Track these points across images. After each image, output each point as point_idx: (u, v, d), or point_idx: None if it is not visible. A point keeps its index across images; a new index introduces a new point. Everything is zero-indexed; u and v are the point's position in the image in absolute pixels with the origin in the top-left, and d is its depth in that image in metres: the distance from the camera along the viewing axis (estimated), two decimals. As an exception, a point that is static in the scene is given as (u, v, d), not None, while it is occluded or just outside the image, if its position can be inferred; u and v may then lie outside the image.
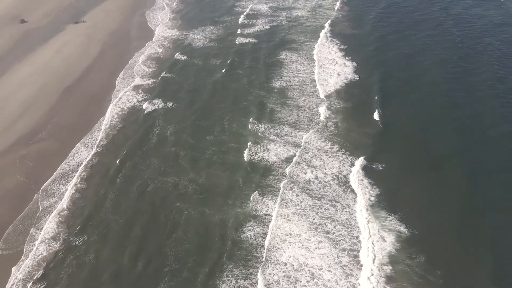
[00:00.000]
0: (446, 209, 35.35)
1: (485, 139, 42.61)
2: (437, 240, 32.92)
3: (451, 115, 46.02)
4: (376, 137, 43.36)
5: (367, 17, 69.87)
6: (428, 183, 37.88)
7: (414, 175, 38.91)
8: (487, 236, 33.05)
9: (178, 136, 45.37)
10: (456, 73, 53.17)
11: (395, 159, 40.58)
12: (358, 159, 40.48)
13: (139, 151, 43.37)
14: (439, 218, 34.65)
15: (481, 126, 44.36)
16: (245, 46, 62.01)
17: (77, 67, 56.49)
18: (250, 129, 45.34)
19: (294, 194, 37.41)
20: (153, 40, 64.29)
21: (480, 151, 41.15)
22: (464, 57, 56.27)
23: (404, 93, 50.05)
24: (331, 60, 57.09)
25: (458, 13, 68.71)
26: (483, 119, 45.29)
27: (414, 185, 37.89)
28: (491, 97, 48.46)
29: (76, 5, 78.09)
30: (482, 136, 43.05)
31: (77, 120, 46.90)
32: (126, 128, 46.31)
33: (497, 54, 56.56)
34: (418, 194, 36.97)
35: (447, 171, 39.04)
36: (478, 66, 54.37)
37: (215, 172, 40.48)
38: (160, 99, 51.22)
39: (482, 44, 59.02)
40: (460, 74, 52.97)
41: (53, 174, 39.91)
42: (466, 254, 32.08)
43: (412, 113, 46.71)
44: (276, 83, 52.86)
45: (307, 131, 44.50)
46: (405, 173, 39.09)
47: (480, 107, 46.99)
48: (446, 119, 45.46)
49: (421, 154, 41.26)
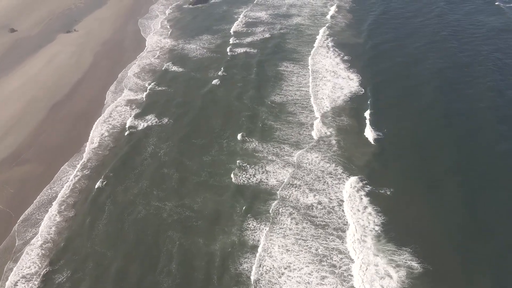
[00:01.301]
0: (450, 235, 33.12)
1: (484, 156, 40.48)
2: (446, 274, 30.53)
3: (450, 130, 43.80)
4: (374, 157, 41.00)
5: (364, 24, 67.48)
6: (430, 208, 35.50)
7: (415, 199, 36.48)
8: (489, 263, 30.95)
9: (172, 156, 42.98)
10: (454, 83, 51.09)
11: (395, 181, 38.12)
12: (360, 182, 38.00)
13: (131, 173, 40.93)
14: (444, 247, 32.31)
15: (480, 141, 42.22)
16: (239, 57, 59.63)
17: (68, 80, 54.02)
18: (247, 148, 42.95)
19: (294, 222, 34.97)
20: (147, 51, 61.91)
21: (480, 169, 39.04)
22: (462, 67, 54.22)
23: (402, 107, 47.66)
24: (331, 72, 54.63)
25: (457, 20, 66.56)
26: (482, 134, 43.07)
27: (416, 210, 35.45)
28: (490, 109, 46.31)
29: (68, 13, 75.68)
30: (481, 152, 40.89)
31: (64, 139, 44.43)
32: (116, 148, 43.87)
33: (496, 63, 54.50)
34: (421, 220, 34.53)
35: (447, 192, 36.78)
36: (476, 76, 52.17)
37: (210, 197, 38.07)
38: (152, 114, 48.79)
39: (481, 53, 56.89)
40: (458, 85, 50.85)
41: (36, 200, 37.40)
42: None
43: (410, 128, 44.32)
44: (274, 97, 50.43)
45: (307, 150, 42.06)
46: (406, 197, 36.57)
47: (479, 121, 44.86)
48: (444, 135, 43.20)
49: (420, 174, 38.90)
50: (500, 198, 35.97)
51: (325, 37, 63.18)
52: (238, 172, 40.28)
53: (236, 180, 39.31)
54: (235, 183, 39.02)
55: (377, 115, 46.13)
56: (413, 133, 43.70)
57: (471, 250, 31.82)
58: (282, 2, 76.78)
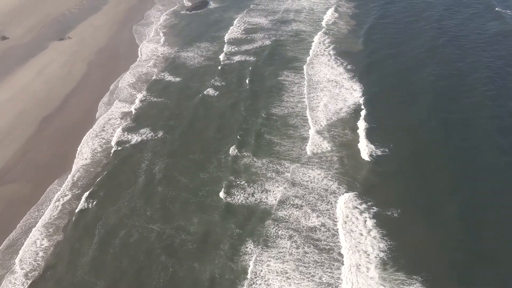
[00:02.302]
0: (455, 261, 31.14)
1: (485, 170, 38.60)
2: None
3: (450, 143, 41.85)
4: (377, 175, 38.82)
5: (364, 30, 65.34)
6: (434, 230, 33.48)
7: (419, 220, 34.33)
8: None
9: (167, 172, 40.94)
10: (453, 92, 49.17)
11: (398, 201, 35.96)
12: (364, 203, 35.96)
13: (123, 192, 38.87)
14: (452, 275, 30.33)
15: (480, 155, 40.29)
16: (237, 65, 57.49)
17: (59, 92, 51.98)
18: (245, 165, 40.94)
19: (294, 246, 32.90)
20: (142, 59, 59.86)
21: (482, 185, 37.17)
22: (462, 74, 52.33)
23: (402, 119, 45.41)
24: (333, 82, 52.60)
25: (456, 25, 64.69)
26: (482, 147, 41.17)
27: (421, 233, 33.36)
28: (490, 120, 44.46)
29: (62, 19, 73.62)
30: (482, 167, 38.92)
31: (54, 156, 42.36)
32: (108, 165, 41.80)
33: (496, 71, 52.60)
34: (427, 244, 32.50)
35: (450, 212, 34.74)
36: (476, 84, 50.13)
37: (206, 218, 36.05)
38: (147, 128, 46.73)
39: (481, 60, 54.88)
40: (458, 93, 48.86)
41: (21, 223, 35.27)
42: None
43: (411, 142, 42.14)
44: (273, 109, 48.35)
45: (308, 166, 40.00)
46: (409, 219, 34.38)
47: (479, 133, 42.96)
48: (445, 148, 41.25)
49: (423, 193, 36.77)
50: (503, 215, 34.38)
51: (326, 45, 61.11)
52: (236, 191, 38.29)
53: (233, 200, 37.30)
54: (232, 203, 37.00)
55: (378, 129, 43.91)
56: (414, 147, 41.58)
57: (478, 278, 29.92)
58: (281, 7, 74.79)
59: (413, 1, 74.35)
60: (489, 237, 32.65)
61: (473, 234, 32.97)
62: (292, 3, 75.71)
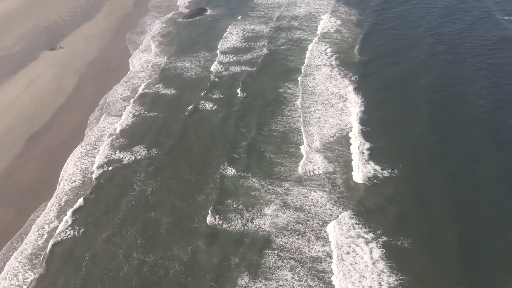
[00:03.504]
0: None
1: (485, 190, 36.85)
2: None
3: (447, 163, 39.78)
4: (373, 197, 36.64)
5: (360, 37, 63.27)
6: (436, 260, 31.48)
7: (418, 249, 32.22)
8: None
9: (161, 195, 38.56)
10: (450, 104, 47.45)
11: (398, 227, 33.96)
12: (371, 233, 33.67)
13: (114, 217, 36.44)
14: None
15: (479, 174, 38.50)
16: (236, 77, 55.07)
17: (48, 107, 49.53)
18: (244, 187, 38.64)
19: (296, 278, 30.51)
20: (136, 71, 57.43)
21: (482, 207, 35.22)
22: (458, 84, 50.62)
23: (397, 137, 43.22)
24: (337, 95, 50.33)
25: (455, 33, 62.79)
26: (481, 165, 39.32)
27: (419, 262, 31.31)
28: (488, 134, 42.64)
29: (54, 28, 71.18)
30: (481, 187, 37.14)
31: (40, 177, 39.94)
32: (98, 187, 39.36)
33: (494, 81, 50.91)
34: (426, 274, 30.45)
35: (451, 241, 32.67)
36: (474, 96, 48.28)
37: (201, 246, 33.65)
38: (140, 145, 44.34)
39: (479, 72, 52.79)
40: (455, 104, 47.25)
41: (0, 254, 32.77)
42: None
43: (407, 161, 39.95)
44: (274, 125, 46.03)
45: (311, 188, 37.65)
46: (410, 248, 32.17)
47: (477, 148, 41.13)
48: (442, 169, 39.21)
49: (418, 218, 34.80)
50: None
51: (323, 53, 58.92)
52: (233, 216, 35.94)
53: (230, 226, 34.96)
54: (229, 230, 34.65)
55: (378, 147, 41.58)
56: (413, 166, 39.44)
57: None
58: (281, 14, 72.49)
59: (410, 7, 72.57)
60: (491, 267, 30.68)
61: (475, 263, 31.06)
62: (289, 10, 73.53)
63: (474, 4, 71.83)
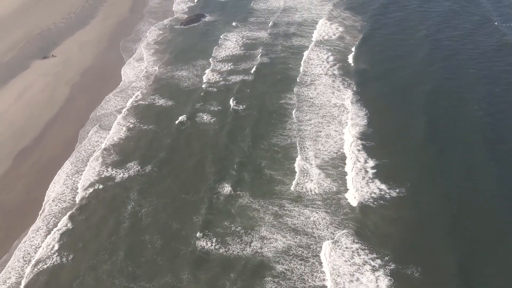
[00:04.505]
0: None
1: (480, 208, 35.73)
2: None
3: (446, 180, 38.35)
4: (375, 219, 34.95)
5: (357, 43, 61.97)
6: None
7: None
8: None
9: (155, 217, 36.55)
10: (448, 114, 46.46)
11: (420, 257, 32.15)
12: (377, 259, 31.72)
13: (105, 242, 34.33)
14: None
15: (478, 190, 37.33)
16: (235, 87, 53.02)
17: (39, 120, 47.48)
18: (242, 206, 36.73)
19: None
20: (131, 81, 55.34)
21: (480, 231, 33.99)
22: (456, 93, 49.50)
23: (397, 152, 41.84)
24: (340, 107, 48.37)
25: (454, 40, 61.41)
26: (479, 182, 38.11)
27: None
28: (487, 150, 41.30)
29: (47, 35, 69.04)
30: (479, 208, 35.83)
31: (27, 198, 37.88)
32: (89, 209, 37.27)
33: (494, 90, 50.11)
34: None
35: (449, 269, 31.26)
36: (472, 106, 47.24)
37: (197, 273, 31.66)
38: (134, 161, 42.29)
39: (479, 81, 51.73)
40: (453, 116, 46.15)
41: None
42: None
43: (410, 178, 38.49)
44: (275, 139, 44.04)
45: (313, 209, 35.64)
46: None
47: (476, 164, 39.95)
48: (442, 183, 38.04)
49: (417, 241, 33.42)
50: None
51: (326, 62, 57.13)
52: (230, 239, 33.97)
53: (227, 251, 32.98)
54: (225, 255, 32.70)
55: (380, 165, 40.03)
56: (417, 186, 37.75)
57: None
58: (278, 19, 70.50)
59: (407, 13, 71.04)
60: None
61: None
62: (286, 15, 71.87)
63: (473, 9, 70.71)
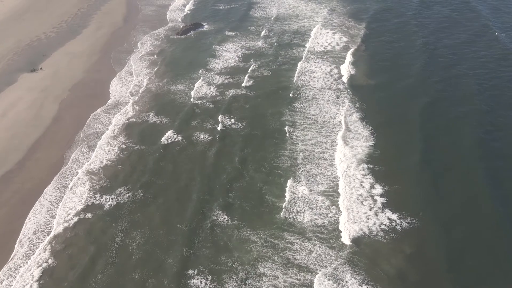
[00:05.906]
0: None
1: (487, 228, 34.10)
2: None
3: (445, 202, 36.46)
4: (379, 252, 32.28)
5: (354, 49, 60.29)
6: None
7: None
8: None
9: (147, 250, 33.71)
10: (446, 127, 45.08)
11: None
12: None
13: (92, 281, 31.37)
14: None
15: (477, 211, 35.72)
16: (234, 104, 50.37)
17: (23, 140, 44.60)
18: (238, 238, 34.02)
19: None
20: (124, 96, 52.42)
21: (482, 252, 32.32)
22: (458, 105, 48.14)
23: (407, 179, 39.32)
24: (345, 124, 45.62)
25: (453, 49, 59.67)
26: (478, 203, 36.37)
27: None
28: (486, 167, 39.60)
29: (37, 45, 66.14)
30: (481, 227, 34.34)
31: (7, 231, 34.92)
32: (74, 243, 34.27)
33: (490, 100, 48.77)
34: None
35: None
36: (470, 119, 45.75)
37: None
38: (123, 187, 39.40)
39: (480, 93, 50.15)
40: (451, 130, 44.65)
41: None
42: None
43: (417, 201, 36.49)
44: (276, 161, 41.21)
45: (317, 242, 32.77)
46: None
47: (474, 182, 38.36)
48: (441, 206, 36.01)
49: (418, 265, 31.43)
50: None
51: (323, 72, 54.93)
52: (226, 277, 31.11)
53: None
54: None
55: (393, 193, 37.37)
56: (434, 216, 35.28)
57: None
58: (281, 28, 67.98)
59: (404, 21, 69.19)
60: None
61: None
62: (283, 23, 69.72)
63: (471, 16, 69.13)
